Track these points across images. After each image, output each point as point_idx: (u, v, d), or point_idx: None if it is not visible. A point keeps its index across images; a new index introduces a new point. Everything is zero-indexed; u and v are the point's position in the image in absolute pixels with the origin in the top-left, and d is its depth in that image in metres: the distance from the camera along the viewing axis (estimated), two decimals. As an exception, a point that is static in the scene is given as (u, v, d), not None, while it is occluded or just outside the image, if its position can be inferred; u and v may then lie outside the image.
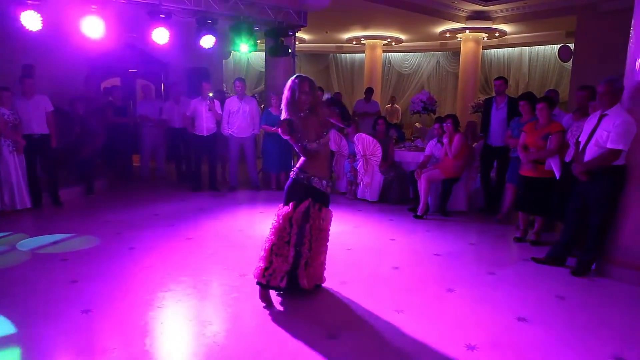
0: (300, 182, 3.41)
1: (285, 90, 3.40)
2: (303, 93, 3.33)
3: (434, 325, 3.19)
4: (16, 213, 5.79)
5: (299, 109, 3.35)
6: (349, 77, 16.46)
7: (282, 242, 3.37)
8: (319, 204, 3.44)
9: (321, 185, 3.44)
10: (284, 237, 3.37)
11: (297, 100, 3.33)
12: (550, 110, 4.88)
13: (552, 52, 12.59)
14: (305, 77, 3.41)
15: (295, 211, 3.37)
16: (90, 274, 3.95)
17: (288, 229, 3.36)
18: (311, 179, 3.39)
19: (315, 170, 3.42)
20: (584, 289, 3.90)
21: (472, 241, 5.19)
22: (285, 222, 3.37)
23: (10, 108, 5.75)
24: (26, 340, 2.90)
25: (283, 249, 3.37)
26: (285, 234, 3.37)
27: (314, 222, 3.42)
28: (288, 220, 3.37)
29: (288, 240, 3.37)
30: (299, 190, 3.41)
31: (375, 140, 6.91)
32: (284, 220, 3.37)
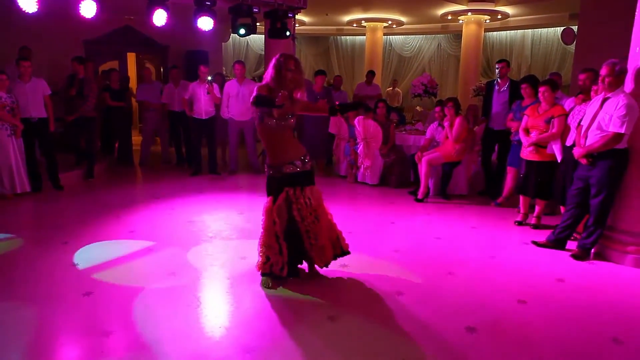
0: (272, 178, 3.40)
1: (269, 67, 3.37)
2: (288, 70, 3.30)
3: (434, 308, 3.20)
4: (16, 197, 5.79)
5: (284, 86, 3.30)
6: (350, 60, 16.32)
7: (271, 236, 3.36)
8: (299, 187, 3.38)
9: (295, 168, 3.37)
10: (270, 231, 3.36)
11: (283, 77, 3.29)
12: (553, 94, 4.84)
13: (555, 34, 12.47)
14: (291, 55, 3.39)
15: (274, 205, 3.35)
16: (90, 257, 3.96)
17: (272, 225, 3.35)
18: (281, 168, 3.34)
19: (283, 157, 3.35)
20: (584, 272, 3.91)
21: (472, 224, 5.20)
22: (268, 218, 3.36)
23: (8, 91, 5.69)
24: (28, 322, 2.91)
25: (274, 243, 3.36)
26: (271, 228, 3.35)
27: (300, 206, 3.36)
28: (270, 215, 3.36)
29: (276, 234, 3.35)
30: (273, 184, 3.40)
31: (375, 124, 6.87)
32: (266, 215, 3.38)
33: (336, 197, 6.43)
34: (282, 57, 3.35)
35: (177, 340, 2.75)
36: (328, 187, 7.00)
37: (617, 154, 3.93)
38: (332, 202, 6.03)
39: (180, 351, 2.64)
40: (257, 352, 2.63)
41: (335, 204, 6.01)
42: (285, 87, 3.29)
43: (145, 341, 2.72)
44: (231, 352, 2.63)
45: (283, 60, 3.32)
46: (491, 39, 14.01)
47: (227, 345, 2.72)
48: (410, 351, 2.66)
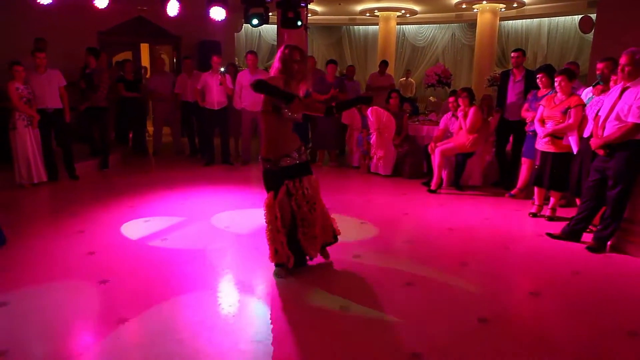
0: (270, 171, 3.37)
1: (275, 60, 3.35)
2: (295, 62, 3.29)
3: (446, 299, 3.19)
4: (34, 187, 5.88)
5: (292, 77, 3.30)
6: (362, 50, 16.20)
7: (274, 229, 3.36)
8: (297, 179, 3.37)
9: (293, 160, 3.36)
10: (274, 228, 3.35)
11: (289, 69, 3.29)
12: (569, 83, 4.75)
13: (573, 23, 12.22)
14: (295, 46, 3.37)
15: (276, 200, 3.34)
16: (106, 246, 4.02)
17: (274, 220, 3.34)
18: (278, 162, 3.33)
19: (281, 150, 3.33)
20: (600, 265, 3.86)
21: (486, 216, 5.15)
22: (270, 213, 3.35)
23: (24, 83, 5.77)
24: (45, 309, 2.97)
25: (278, 236, 3.36)
26: (273, 222, 3.34)
27: (298, 197, 3.37)
28: (272, 210, 3.34)
29: (277, 228, 3.35)
30: (271, 178, 3.38)
31: (389, 114, 6.83)
32: (268, 210, 3.36)
33: (349, 188, 6.43)
34: (288, 49, 3.33)
35: (190, 329, 2.78)
36: (341, 177, 7.01)
37: (636, 145, 3.85)
38: (344, 193, 6.06)
39: (193, 339, 2.67)
40: (268, 342, 2.65)
41: (347, 194, 6.02)
42: (292, 79, 3.30)
43: (160, 329, 2.76)
44: (243, 341, 2.65)
45: (288, 52, 3.31)
46: (506, 28, 13.78)
47: (239, 334, 2.74)
48: (422, 342, 2.66)
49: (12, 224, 4.59)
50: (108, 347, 2.59)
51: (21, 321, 2.83)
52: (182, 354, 2.52)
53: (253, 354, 2.53)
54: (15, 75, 5.68)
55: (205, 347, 2.59)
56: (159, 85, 8.30)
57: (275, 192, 3.36)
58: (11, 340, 2.61)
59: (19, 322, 2.81)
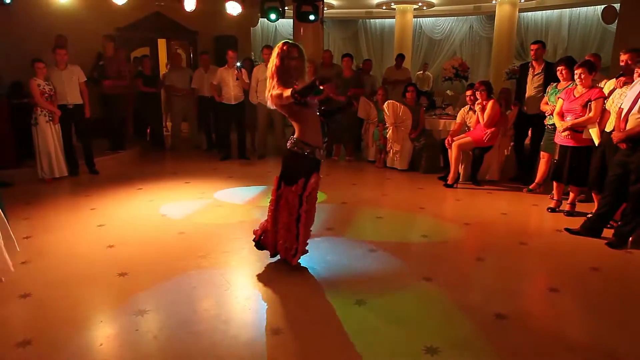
0: (307, 157, 3.29)
1: (272, 57, 3.31)
2: (292, 59, 3.26)
3: (462, 294, 3.18)
4: (55, 181, 6.00)
5: (289, 75, 3.27)
6: (379, 44, 16.08)
7: (292, 219, 3.33)
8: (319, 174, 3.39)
9: (321, 156, 3.37)
10: (292, 214, 3.32)
11: (287, 67, 3.25)
12: (590, 76, 4.65)
13: (595, 13, 11.93)
14: (293, 43, 3.35)
15: (306, 189, 3.29)
16: (125, 240, 4.09)
17: (297, 206, 3.30)
18: (315, 152, 3.31)
19: (316, 141, 3.32)
20: (620, 261, 3.79)
21: (503, 211, 5.10)
22: (294, 200, 3.31)
23: (45, 79, 5.88)
24: (65, 301, 3.04)
25: (291, 226, 3.35)
26: (295, 211, 3.32)
27: (313, 192, 3.37)
28: (298, 198, 3.31)
29: (297, 218, 3.32)
30: (306, 164, 3.31)
31: (405, 108, 6.78)
32: (292, 197, 3.31)
33: (365, 183, 6.41)
34: (285, 46, 3.30)
35: (208, 321, 2.82)
36: (357, 172, 6.99)
37: (659, 139, 3.77)
38: (360, 187, 6.05)
39: (211, 331, 2.71)
40: (285, 334, 2.67)
41: (363, 189, 6.01)
42: (289, 76, 3.27)
43: (178, 321, 2.81)
44: (260, 333, 2.68)
45: (287, 49, 3.28)
46: (526, 20, 13.52)
47: (257, 326, 2.77)
48: (438, 337, 2.65)
49: (34, 218, 4.70)
50: (127, 338, 2.65)
51: (44, 312, 2.91)
52: (200, 346, 2.56)
53: (269, 347, 2.56)
54: (37, 71, 5.79)
55: (222, 340, 2.63)
56: (176, 81, 8.37)
57: (306, 180, 3.30)
58: (35, 330, 2.69)
59: (42, 313, 2.89)
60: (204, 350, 2.52)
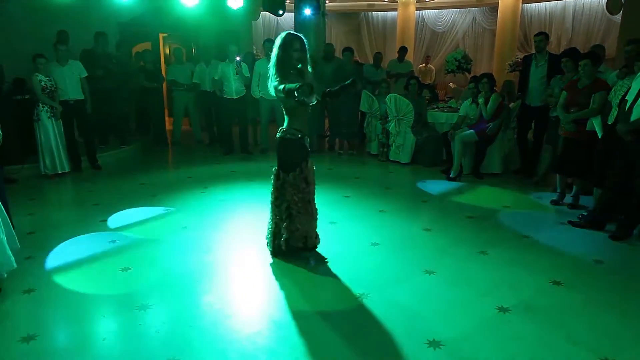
0: (299, 142, 3.40)
1: (274, 48, 3.33)
2: (294, 50, 3.28)
3: (465, 287, 3.17)
4: (57, 177, 6.02)
5: (290, 66, 3.30)
6: (381, 37, 15.96)
7: (305, 201, 3.42)
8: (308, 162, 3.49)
9: (307, 143, 3.49)
10: (305, 197, 3.41)
11: (289, 57, 3.28)
12: (594, 67, 4.60)
13: (600, 4, 11.80)
14: (296, 34, 3.36)
15: (305, 169, 3.40)
16: (128, 234, 4.10)
17: (307, 187, 3.41)
18: (304, 138, 3.42)
19: (303, 127, 3.42)
20: (624, 254, 3.78)
21: (506, 204, 5.08)
22: (302, 183, 3.39)
23: (47, 75, 5.87)
24: (70, 295, 3.05)
25: (309, 208, 3.44)
26: (306, 192, 3.41)
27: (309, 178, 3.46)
28: (305, 180, 3.40)
29: (310, 199, 3.44)
30: (300, 150, 3.42)
31: (407, 101, 6.75)
32: (300, 181, 3.39)
33: (367, 176, 6.40)
34: (289, 37, 3.31)
35: (211, 316, 2.83)
36: (359, 165, 6.98)
37: (664, 131, 3.73)
38: (363, 181, 6.04)
39: (214, 326, 2.71)
40: (288, 328, 2.68)
41: (366, 182, 6.00)
42: (290, 68, 3.30)
43: (180, 316, 2.82)
44: (264, 328, 2.69)
45: (290, 40, 3.29)
46: (529, 11, 13.38)
47: (260, 320, 2.78)
48: (441, 330, 2.65)
49: (37, 214, 4.72)
50: (130, 332, 2.66)
51: (47, 307, 2.92)
52: (202, 340, 2.56)
53: (273, 340, 2.56)
54: (38, 67, 5.78)
55: (225, 334, 2.63)
56: (179, 75, 8.35)
57: (305, 163, 3.41)
58: (39, 325, 2.70)
59: (45, 308, 2.91)
60: (206, 345, 2.52)
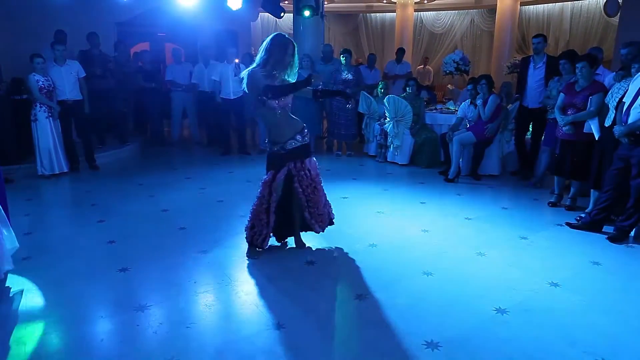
0: (276, 154, 3.48)
1: (269, 45, 3.34)
2: (288, 55, 3.33)
3: (463, 288, 3.17)
4: (55, 177, 6.00)
5: (281, 67, 3.35)
6: (379, 38, 15.99)
7: (262, 207, 3.52)
8: (300, 160, 3.52)
9: (297, 143, 3.49)
10: (263, 204, 3.51)
11: (280, 60, 3.32)
12: (591, 70, 4.62)
13: (597, 6, 11.85)
14: (289, 38, 3.42)
15: (274, 179, 3.47)
16: (126, 235, 4.09)
17: (267, 196, 3.49)
18: (285, 145, 3.45)
19: (283, 134, 3.45)
20: (622, 256, 3.78)
21: (504, 205, 5.09)
22: (264, 190, 3.50)
23: (44, 74, 5.86)
24: (67, 296, 3.04)
25: (262, 215, 3.52)
26: (265, 200, 3.50)
27: (301, 178, 3.52)
28: (268, 188, 3.49)
29: (267, 207, 3.51)
30: (277, 159, 3.49)
31: (406, 102, 6.76)
32: (263, 187, 3.51)
33: (365, 177, 6.40)
34: (285, 39, 3.36)
35: (209, 317, 2.82)
36: (357, 167, 6.99)
37: (661, 133, 3.75)
38: (361, 182, 6.04)
39: (211, 327, 2.71)
40: (286, 329, 2.67)
41: (364, 183, 6.00)
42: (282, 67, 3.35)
43: (178, 316, 2.81)
44: (261, 329, 2.68)
45: (286, 42, 3.35)
46: (527, 13, 13.43)
47: (258, 321, 2.77)
48: (439, 332, 2.65)
49: (34, 214, 4.71)
50: (127, 333, 2.65)
51: (44, 308, 2.91)
52: (200, 341, 2.56)
53: (271, 341, 2.56)
54: (36, 67, 5.77)
55: (222, 335, 2.63)
56: (178, 76, 8.35)
57: (275, 172, 3.49)
58: (37, 326, 2.69)
59: (42, 309, 2.89)
60: (204, 346, 2.52)
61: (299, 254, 3.69)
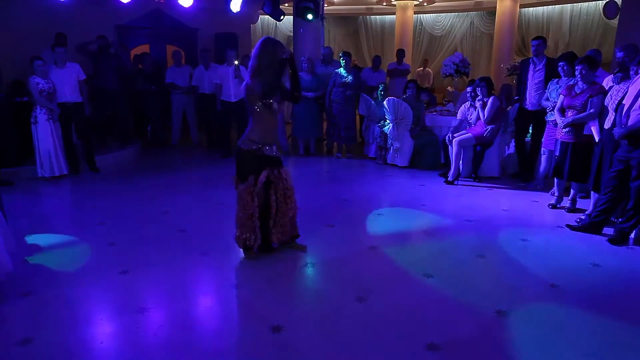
0: (253, 153, 3.42)
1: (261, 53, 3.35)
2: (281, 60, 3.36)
3: (463, 291, 3.17)
4: (55, 179, 6.00)
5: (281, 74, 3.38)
6: (379, 41, 16.02)
7: (247, 214, 3.47)
8: (276, 168, 3.49)
9: (272, 152, 3.48)
10: (248, 211, 3.46)
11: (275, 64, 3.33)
12: (591, 72, 4.62)
13: (597, 8, 11.87)
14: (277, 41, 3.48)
15: (256, 184, 3.43)
16: (126, 237, 4.09)
17: (250, 202, 3.44)
18: (263, 148, 3.43)
19: (265, 138, 3.43)
20: (622, 258, 3.78)
21: (504, 207, 5.09)
22: (245, 197, 3.44)
23: (44, 77, 5.86)
24: (67, 298, 3.04)
25: (248, 221, 3.48)
26: (249, 207, 3.45)
27: (278, 185, 3.50)
28: (249, 195, 3.43)
29: (251, 213, 3.47)
30: (253, 161, 3.44)
31: (406, 104, 6.77)
32: (244, 195, 3.45)
33: (365, 180, 6.40)
34: (286, 50, 3.40)
35: (209, 319, 2.82)
36: (357, 169, 6.99)
37: (661, 135, 3.75)
38: (361, 185, 6.04)
39: (212, 329, 2.71)
40: (286, 331, 2.67)
41: (364, 186, 6.00)
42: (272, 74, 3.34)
43: (179, 319, 2.81)
44: (261, 330, 2.68)
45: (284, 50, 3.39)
46: (527, 15, 13.46)
47: (258, 323, 2.77)
48: (439, 333, 2.65)
49: (34, 216, 4.70)
50: (127, 335, 2.65)
51: (44, 310, 2.91)
52: (200, 343, 2.56)
53: (271, 344, 2.56)
54: (36, 70, 5.77)
55: (222, 337, 2.63)
56: (178, 78, 8.36)
57: (256, 177, 3.43)
58: (35, 328, 2.69)
59: (42, 311, 2.89)
60: (204, 348, 2.52)
61: (298, 256, 3.69)
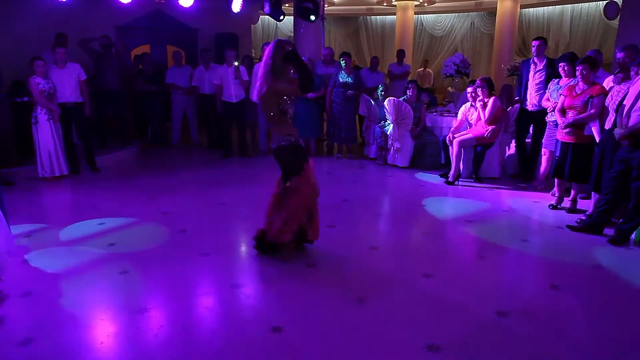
0: (297, 144, 3.50)
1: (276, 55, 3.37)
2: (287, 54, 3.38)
3: (463, 291, 3.17)
4: (55, 179, 6.00)
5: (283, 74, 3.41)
6: (379, 41, 16.03)
7: (303, 206, 3.50)
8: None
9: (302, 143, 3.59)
10: (306, 203, 3.49)
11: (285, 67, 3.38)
12: (592, 72, 4.62)
13: (597, 9, 11.87)
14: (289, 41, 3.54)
15: (312, 172, 3.51)
16: (126, 238, 4.09)
17: (310, 193, 3.50)
18: (299, 139, 3.53)
19: (294, 131, 3.53)
20: (622, 258, 3.78)
21: (505, 208, 5.09)
22: (307, 188, 3.47)
23: (45, 77, 5.86)
24: (68, 299, 3.04)
25: (301, 211, 3.51)
26: (308, 198, 3.50)
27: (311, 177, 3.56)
28: (309, 186, 3.48)
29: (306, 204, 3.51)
30: (301, 151, 3.52)
31: (406, 105, 6.77)
32: (304, 186, 3.46)
33: (366, 180, 6.41)
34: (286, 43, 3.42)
35: (211, 318, 2.82)
36: (358, 169, 6.99)
37: (662, 135, 3.75)
38: (361, 185, 6.04)
39: (212, 329, 2.71)
40: (286, 331, 2.67)
41: (364, 186, 6.00)
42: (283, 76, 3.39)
43: (180, 320, 2.81)
44: (262, 331, 2.68)
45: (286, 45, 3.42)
46: (527, 16, 13.47)
47: (258, 324, 2.77)
48: (439, 334, 2.64)
49: (35, 216, 4.70)
50: (128, 336, 2.65)
51: (45, 310, 2.91)
52: (200, 344, 2.56)
53: (271, 344, 2.56)
54: (36, 70, 5.77)
55: (222, 337, 2.62)
56: (178, 79, 8.36)
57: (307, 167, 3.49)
58: (36, 329, 2.69)
59: (42, 311, 2.89)
60: (204, 348, 2.52)
61: (299, 257, 3.69)
